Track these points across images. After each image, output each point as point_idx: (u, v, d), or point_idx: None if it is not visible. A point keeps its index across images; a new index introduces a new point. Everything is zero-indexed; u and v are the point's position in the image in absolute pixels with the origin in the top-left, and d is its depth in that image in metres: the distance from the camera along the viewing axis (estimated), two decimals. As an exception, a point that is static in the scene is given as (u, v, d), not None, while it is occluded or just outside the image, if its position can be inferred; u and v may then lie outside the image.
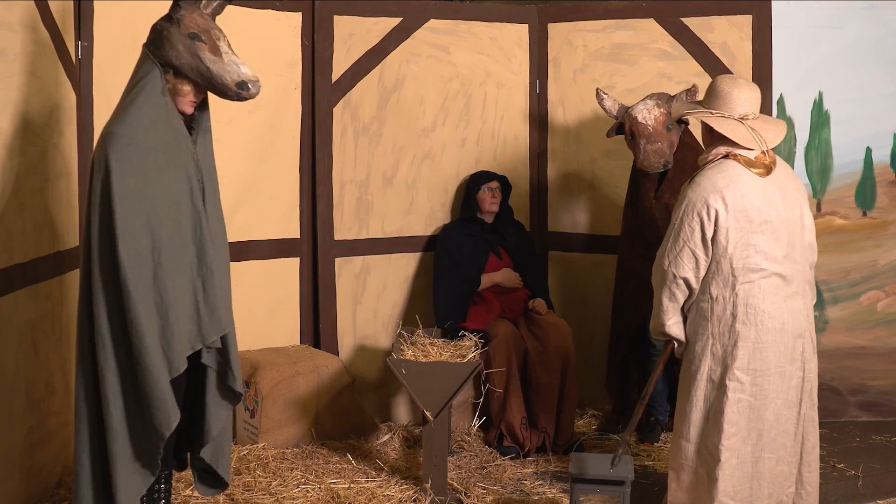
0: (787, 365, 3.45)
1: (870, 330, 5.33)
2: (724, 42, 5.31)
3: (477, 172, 5.35)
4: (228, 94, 3.25)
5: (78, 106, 4.37)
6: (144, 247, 3.11)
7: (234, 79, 3.22)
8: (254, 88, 3.24)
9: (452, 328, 4.90)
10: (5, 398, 3.61)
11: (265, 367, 4.76)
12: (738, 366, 3.41)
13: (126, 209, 3.09)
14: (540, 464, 4.69)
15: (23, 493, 3.78)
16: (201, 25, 3.26)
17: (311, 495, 4.19)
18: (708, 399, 3.48)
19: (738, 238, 3.41)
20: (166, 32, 3.23)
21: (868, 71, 5.29)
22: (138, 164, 3.12)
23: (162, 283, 3.13)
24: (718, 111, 3.53)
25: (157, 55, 3.22)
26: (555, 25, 5.65)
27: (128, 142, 3.11)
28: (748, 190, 3.43)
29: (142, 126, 3.14)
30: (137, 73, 3.23)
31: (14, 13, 3.66)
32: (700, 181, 3.48)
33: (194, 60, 3.23)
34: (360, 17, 5.29)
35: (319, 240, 5.27)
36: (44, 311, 3.97)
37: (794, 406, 3.48)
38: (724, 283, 3.43)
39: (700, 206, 3.42)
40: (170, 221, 3.17)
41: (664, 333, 3.62)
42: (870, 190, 5.32)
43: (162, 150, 3.18)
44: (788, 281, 3.47)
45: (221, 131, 4.72)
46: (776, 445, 3.45)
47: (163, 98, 3.21)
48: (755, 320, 3.41)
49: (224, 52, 3.25)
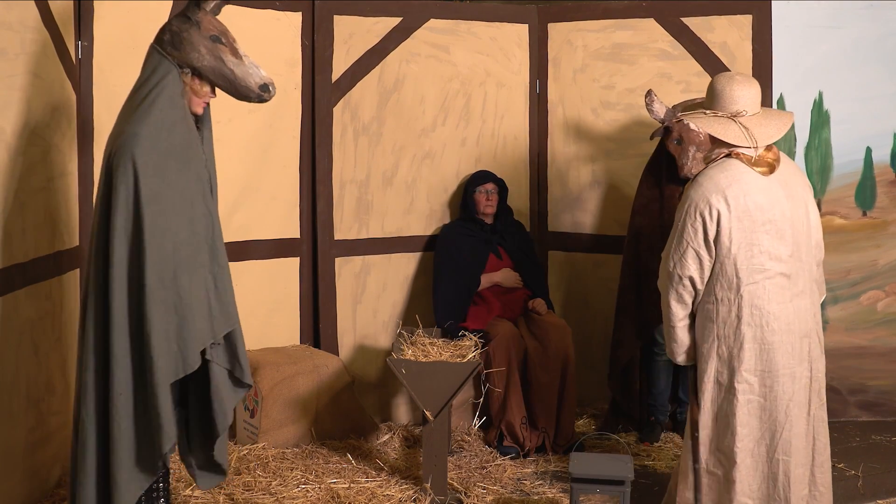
0: (796, 366, 3.43)
1: (870, 330, 5.34)
2: (725, 42, 5.31)
3: (475, 173, 5.35)
4: (251, 96, 3.29)
5: (78, 106, 4.37)
6: (167, 248, 3.14)
7: (258, 81, 3.28)
8: (273, 90, 3.32)
9: (452, 328, 4.90)
10: (5, 398, 3.62)
11: (265, 367, 4.76)
12: (745, 367, 3.39)
13: (153, 211, 3.11)
14: (540, 464, 4.69)
15: (22, 492, 3.78)
16: (219, 28, 3.29)
17: (311, 495, 4.19)
18: (716, 401, 3.47)
19: (742, 238, 3.39)
20: (186, 34, 3.22)
21: (868, 71, 5.29)
22: (161, 166, 3.14)
23: (180, 283, 3.16)
24: (712, 111, 3.53)
25: (176, 56, 3.22)
26: (555, 25, 5.65)
27: (152, 144, 3.12)
28: (751, 189, 3.41)
29: (163, 128, 3.16)
30: (154, 73, 3.22)
31: (14, 13, 3.66)
32: (702, 181, 3.47)
33: (217, 63, 3.24)
34: (360, 17, 5.29)
35: (319, 239, 5.27)
36: (43, 311, 3.97)
37: (804, 406, 3.47)
38: (729, 285, 3.41)
39: (702, 205, 3.41)
40: (187, 222, 3.20)
41: (673, 337, 3.61)
42: (870, 190, 5.33)
43: (180, 152, 3.20)
44: (794, 280, 3.46)
45: (221, 131, 4.73)
46: (790, 447, 3.44)
47: (181, 100, 3.23)
48: (761, 321, 3.39)
49: (243, 54, 3.29)
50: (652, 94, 4.74)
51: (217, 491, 4.14)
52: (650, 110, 4.73)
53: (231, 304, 3.34)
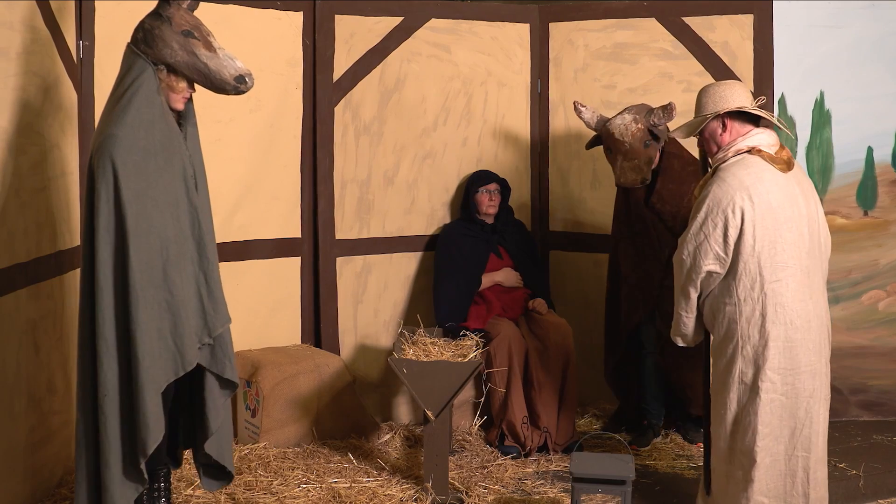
0: (816, 363, 3.45)
1: (871, 329, 5.34)
2: (726, 41, 5.31)
3: (476, 172, 5.35)
4: (227, 88, 3.27)
5: (79, 105, 4.37)
6: (154, 248, 3.14)
7: (232, 73, 3.26)
8: (250, 81, 3.29)
9: (453, 328, 4.90)
10: (7, 397, 3.62)
11: (266, 367, 4.76)
12: (769, 366, 3.39)
13: (136, 211, 3.11)
14: (541, 463, 4.69)
15: (24, 491, 3.78)
16: (191, 22, 3.27)
17: (313, 495, 4.18)
18: (740, 401, 3.47)
19: (765, 236, 3.39)
20: (157, 31, 3.22)
21: (869, 70, 5.29)
22: (141, 165, 3.13)
23: (171, 281, 3.16)
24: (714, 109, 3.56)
25: (150, 54, 3.22)
26: (556, 25, 5.64)
27: (130, 144, 3.12)
28: (772, 186, 3.42)
29: (141, 127, 3.15)
30: (129, 72, 3.23)
31: (15, 12, 3.66)
32: (726, 178, 3.45)
33: (190, 57, 3.24)
34: (362, 17, 5.29)
35: (320, 239, 5.27)
36: (45, 311, 3.97)
37: (823, 402, 3.49)
38: (752, 284, 3.41)
39: (726, 203, 3.40)
40: (172, 220, 3.20)
41: (681, 322, 3.63)
42: (871, 189, 5.32)
43: (160, 149, 3.19)
44: (812, 277, 3.48)
45: (222, 131, 4.74)
46: (809, 444, 3.46)
47: (158, 97, 3.22)
48: (784, 319, 3.40)
49: (217, 47, 3.27)
50: (578, 105, 4.83)
51: (218, 490, 4.14)
52: (581, 119, 4.84)
53: (223, 302, 3.34)
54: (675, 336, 3.74)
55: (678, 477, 4.54)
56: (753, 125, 3.57)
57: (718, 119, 3.56)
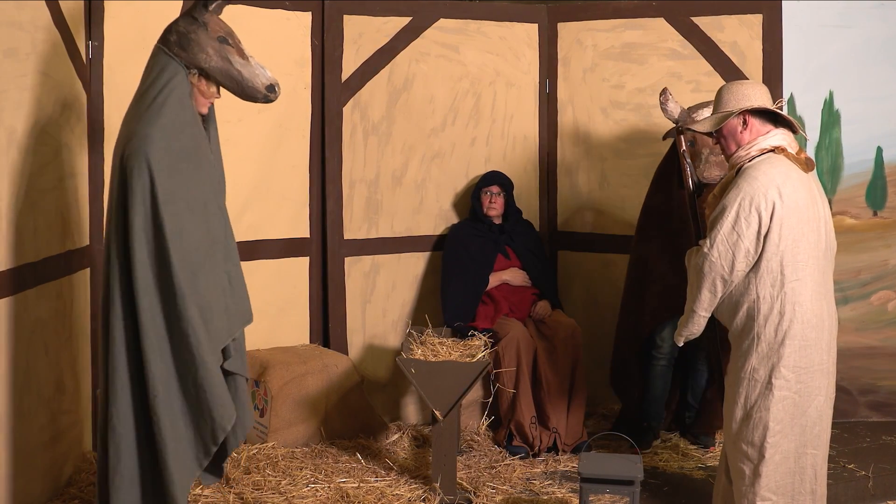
0: (827, 361, 3.46)
1: (880, 330, 5.32)
2: (735, 41, 5.30)
3: (485, 174, 5.34)
4: (258, 96, 3.31)
5: (88, 105, 4.38)
6: (188, 248, 3.15)
7: (264, 82, 3.30)
8: (279, 91, 3.36)
9: (462, 328, 4.90)
10: (16, 397, 3.63)
11: (275, 367, 4.76)
12: (784, 364, 3.39)
13: (172, 212, 3.12)
14: (549, 463, 4.69)
15: (33, 490, 3.79)
16: (225, 29, 3.30)
17: (321, 494, 4.19)
18: (750, 397, 3.47)
19: (790, 234, 3.39)
20: (193, 35, 3.23)
21: (878, 70, 5.27)
22: (175, 167, 3.15)
23: (199, 282, 3.19)
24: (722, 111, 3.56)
25: (183, 57, 3.22)
26: (564, 25, 5.64)
27: (165, 145, 3.13)
28: (798, 185, 3.43)
29: (175, 129, 3.17)
30: (162, 74, 3.22)
31: (25, 13, 3.67)
32: (755, 174, 3.43)
33: (224, 64, 3.26)
34: (370, 17, 5.29)
35: (329, 239, 5.28)
36: (54, 310, 3.98)
37: (832, 401, 3.50)
38: (773, 282, 3.40)
39: (759, 199, 3.38)
40: (201, 222, 3.22)
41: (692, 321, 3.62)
42: (880, 189, 5.31)
43: (192, 152, 3.22)
44: (825, 277, 3.49)
45: (231, 131, 4.74)
46: (819, 442, 3.47)
47: (190, 101, 3.24)
48: (802, 318, 3.40)
49: (249, 56, 3.30)
50: (667, 93, 4.55)
51: (227, 490, 4.15)
52: (664, 109, 4.54)
53: (246, 300, 3.39)
54: (680, 336, 3.71)
55: (686, 477, 4.53)
56: (773, 125, 3.57)
57: (740, 117, 3.55)
